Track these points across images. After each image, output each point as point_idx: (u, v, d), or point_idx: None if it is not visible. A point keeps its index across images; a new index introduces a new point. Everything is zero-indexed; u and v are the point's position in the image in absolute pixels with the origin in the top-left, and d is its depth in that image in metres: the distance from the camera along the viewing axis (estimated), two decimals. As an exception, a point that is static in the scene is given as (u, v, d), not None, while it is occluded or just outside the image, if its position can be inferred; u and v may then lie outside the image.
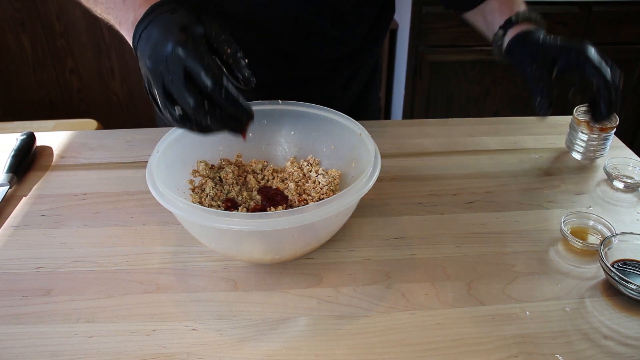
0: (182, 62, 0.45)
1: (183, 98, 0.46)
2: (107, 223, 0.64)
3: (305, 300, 0.54)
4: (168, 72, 0.46)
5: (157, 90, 0.47)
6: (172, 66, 0.45)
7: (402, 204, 0.68)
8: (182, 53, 0.45)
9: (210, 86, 0.45)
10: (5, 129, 1.37)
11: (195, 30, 0.47)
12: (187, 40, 0.46)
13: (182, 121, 0.48)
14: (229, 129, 0.48)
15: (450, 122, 0.88)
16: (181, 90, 0.45)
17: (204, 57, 0.45)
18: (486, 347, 0.48)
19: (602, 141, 0.74)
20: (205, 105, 0.45)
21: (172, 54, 0.45)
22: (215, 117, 0.46)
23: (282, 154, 0.70)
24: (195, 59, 0.45)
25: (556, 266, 0.58)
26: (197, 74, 0.45)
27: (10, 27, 1.99)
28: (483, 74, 1.88)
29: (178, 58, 0.45)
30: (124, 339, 0.49)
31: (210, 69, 0.45)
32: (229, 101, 0.46)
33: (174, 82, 0.46)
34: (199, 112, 0.46)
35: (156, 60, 0.47)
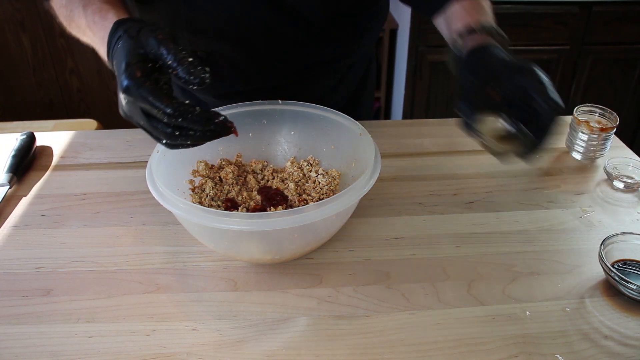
0: (137, 106, 0.47)
1: (156, 134, 0.48)
2: (107, 223, 0.64)
3: (305, 300, 0.54)
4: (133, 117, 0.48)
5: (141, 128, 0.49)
6: (132, 111, 0.48)
7: (402, 204, 0.68)
8: (131, 97, 0.46)
9: (168, 120, 0.46)
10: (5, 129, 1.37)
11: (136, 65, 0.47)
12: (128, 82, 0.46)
13: (173, 146, 0.49)
14: (212, 138, 0.49)
15: (450, 122, 0.88)
16: (151, 129, 0.47)
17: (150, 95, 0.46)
18: (486, 347, 0.48)
19: (602, 141, 0.74)
20: (176, 134, 0.47)
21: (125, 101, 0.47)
22: (192, 137, 0.48)
23: (282, 154, 0.70)
24: (142, 100, 0.46)
25: (556, 266, 0.58)
26: (152, 112, 0.46)
27: (10, 27, 1.99)
28: (483, 74, 1.88)
29: (131, 104, 0.47)
30: (124, 339, 0.49)
31: (159, 103, 0.45)
32: (193, 122, 0.47)
33: (141, 123, 0.48)
34: (176, 140, 0.48)
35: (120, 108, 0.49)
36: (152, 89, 0.46)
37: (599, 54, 1.85)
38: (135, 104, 0.47)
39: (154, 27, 0.49)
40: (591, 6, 1.75)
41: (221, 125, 0.48)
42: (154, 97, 0.46)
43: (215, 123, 0.48)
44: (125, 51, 0.48)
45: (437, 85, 1.91)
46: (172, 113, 0.45)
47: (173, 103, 0.46)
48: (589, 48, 1.83)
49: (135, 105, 0.47)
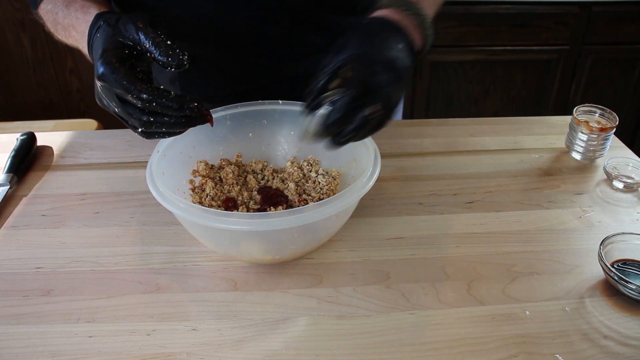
0: (111, 91, 0.47)
1: (131, 121, 0.48)
2: (107, 223, 0.64)
3: (305, 300, 0.54)
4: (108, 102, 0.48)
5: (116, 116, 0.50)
6: (107, 96, 0.48)
7: (402, 204, 0.68)
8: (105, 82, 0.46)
9: (142, 105, 0.46)
10: (5, 129, 1.37)
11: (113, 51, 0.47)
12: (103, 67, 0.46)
13: (148, 135, 0.49)
14: (188, 126, 0.49)
15: (450, 122, 0.88)
16: (125, 115, 0.48)
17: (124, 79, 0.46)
18: (486, 347, 0.48)
19: (602, 141, 0.74)
20: (151, 120, 0.47)
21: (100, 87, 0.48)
22: (168, 123, 0.48)
23: (282, 154, 0.70)
24: (116, 84, 0.46)
25: (556, 266, 0.58)
26: (127, 97, 0.46)
27: (10, 27, 1.99)
28: (483, 74, 1.89)
29: (105, 89, 0.47)
30: (124, 339, 0.49)
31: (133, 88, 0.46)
32: (168, 107, 0.47)
33: (116, 110, 0.48)
34: (151, 127, 0.48)
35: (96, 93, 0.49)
36: (127, 73, 0.46)
37: (599, 54, 1.85)
38: (110, 90, 0.47)
39: (133, 16, 0.49)
40: (591, 6, 1.75)
41: (196, 111, 0.48)
42: (127, 82, 0.46)
43: (190, 108, 0.48)
44: (102, 39, 0.49)
45: (437, 85, 1.91)
46: (145, 98, 0.46)
47: (147, 87, 0.46)
48: (589, 48, 1.83)
49: (110, 91, 0.47)
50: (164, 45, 0.47)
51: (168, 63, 0.47)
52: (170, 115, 0.48)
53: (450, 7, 1.75)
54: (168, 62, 0.47)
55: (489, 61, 1.85)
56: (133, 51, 0.48)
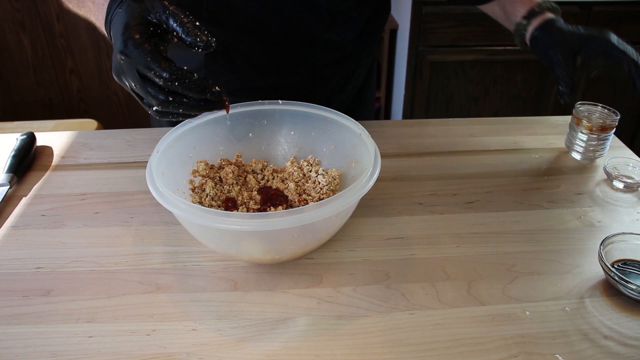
0: (133, 66, 0.46)
1: (149, 99, 0.47)
2: (107, 223, 0.64)
3: (305, 300, 0.54)
4: (127, 77, 0.47)
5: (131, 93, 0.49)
6: (127, 71, 0.47)
7: (402, 204, 0.68)
8: (128, 57, 0.46)
9: (163, 83, 0.45)
10: (5, 129, 1.37)
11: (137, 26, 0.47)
12: (128, 41, 0.46)
13: (163, 114, 0.49)
14: (205, 110, 0.49)
15: (450, 122, 0.88)
16: (144, 92, 0.47)
17: (149, 55, 0.45)
18: (486, 347, 0.48)
19: (602, 141, 0.74)
20: (170, 100, 0.47)
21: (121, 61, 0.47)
22: (185, 105, 0.48)
23: (282, 154, 0.70)
24: (141, 60, 0.45)
25: (556, 266, 0.58)
26: (149, 74, 0.46)
27: (10, 27, 1.99)
28: (483, 74, 1.89)
29: (127, 63, 0.46)
30: (124, 339, 0.49)
31: (157, 65, 0.45)
32: (189, 89, 0.46)
33: (136, 86, 0.47)
34: (168, 106, 0.47)
35: (114, 67, 0.48)
36: (151, 50, 0.46)
37: (599, 54, 1.84)
38: (131, 65, 0.46)
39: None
40: (591, 6, 1.75)
41: (217, 96, 0.48)
42: (152, 59, 0.45)
43: (212, 92, 0.47)
44: (126, 13, 0.48)
45: (437, 85, 1.91)
46: (168, 77, 0.45)
47: (171, 66, 0.45)
48: (589, 48, 1.83)
49: (131, 66, 0.46)
50: (192, 25, 0.46)
51: (195, 43, 0.46)
52: (190, 97, 0.47)
53: (450, 7, 1.75)
54: (195, 42, 0.46)
55: (489, 61, 1.86)
56: (157, 29, 0.48)
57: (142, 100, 0.49)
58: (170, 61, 0.46)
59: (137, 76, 0.46)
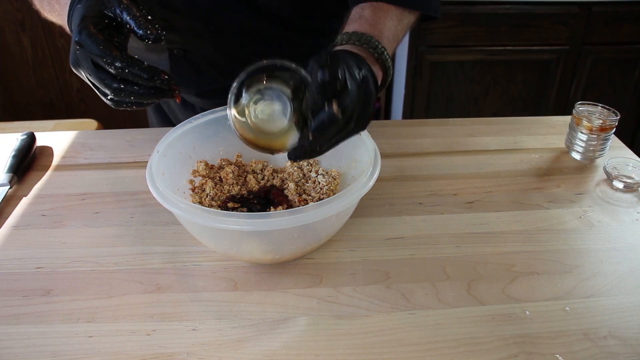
0: (87, 55, 0.48)
1: (102, 87, 0.49)
2: (107, 223, 0.64)
3: (305, 300, 0.54)
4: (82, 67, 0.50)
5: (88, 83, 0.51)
6: (82, 61, 0.49)
7: (402, 204, 0.68)
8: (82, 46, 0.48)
9: (115, 71, 0.48)
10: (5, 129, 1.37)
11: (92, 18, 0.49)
12: (82, 31, 0.48)
13: (117, 103, 0.51)
14: (157, 97, 0.51)
15: (450, 122, 0.88)
16: (97, 80, 0.49)
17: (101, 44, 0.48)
18: (486, 347, 0.48)
19: (602, 141, 0.74)
20: (122, 87, 0.49)
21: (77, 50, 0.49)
22: (137, 92, 0.50)
23: (282, 154, 0.70)
24: (93, 48, 0.48)
25: (556, 266, 0.58)
26: (101, 62, 0.48)
27: (10, 27, 1.99)
28: (483, 74, 1.89)
29: (82, 52, 0.49)
30: (124, 339, 0.49)
31: (109, 53, 0.47)
32: (139, 76, 0.48)
33: (90, 74, 0.49)
34: (121, 94, 0.49)
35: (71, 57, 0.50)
36: (104, 40, 0.48)
37: (599, 54, 1.85)
38: (85, 54, 0.48)
39: None
40: (591, 6, 1.75)
41: (165, 83, 0.50)
42: (104, 47, 0.47)
43: (161, 79, 0.49)
44: (84, 7, 0.50)
45: (437, 85, 1.91)
46: (119, 65, 0.47)
47: (121, 55, 0.48)
48: (589, 48, 1.83)
49: (85, 55, 0.48)
50: (143, 19, 0.49)
51: (145, 35, 0.49)
52: (141, 84, 0.49)
53: (450, 7, 1.75)
54: (145, 34, 0.49)
55: (489, 61, 1.85)
56: (112, 22, 0.50)
57: (97, 90, 0.51)
58: (122, 50, 0.49)
59: (92, 65, 0.49)
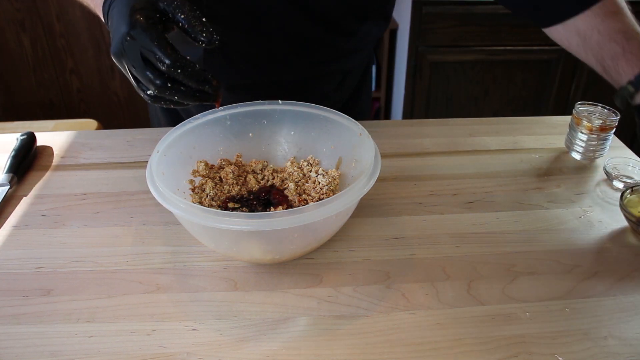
0: (137, 48, 0.47)
1: (146, 82, 0.48)
2: (107, 223, 0.64)
3: (305, 300, 0.54)
4: (129, 59, 0.48)
5: (127, 74, 0.49)
6: (130, 53, 0.47)
7: (402, 204, 0.68)
8: (134, 39, 0.46)
9: (166, 69, 0.46)
10: (5, 129, 1.37)
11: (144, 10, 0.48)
12: (136, 23, 0.47)
13: (156, 99, 0.50)
14: (199, 100, 0.50)
15: (450, 122, 0.88)
16: (142, 75, 0.47)
17: (156, 40, 0.46)
18: (486, 347, 0.48)
19: (602, 141, 0.74)
20: (167, 86, 0.47)
21: (125, 41, 0.47)
22: (182, 93, 0.48)
23: (282, 154, 0.70)
24: (147, 43, 0.46)
25: (556, 266, 0.58)
26: (152, 58, 0.46)
27: (10, 27, 1.99)
28: (483, 74, 1.89)
29: (131, 45, 0.47)
30: (124, 339, 0.49)
31: (163, 51, 0.46)
32: (190, 78, 0.47)
33: (135, 67, 0.48)
34: (165, 92, 0.48)
35: (116, 47, 0.48)
36: (158, 35, 0.47)
37: (599, 54, 1.84)
38: (136, 47, 0.47)
39: None
40: (591, 6, 1.74)
41: (215, 89, 0.49)
42: (159, 43, 0.46)
43: (211, 85, 0.49)
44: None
45: (437, 85, 1.91)
46: (171, 63, 0.46)
47: (176, 54, 0.47)
48: (589, 48, 1.83)
49: (135, 48, 0.47)
50: (197, 20, 0.48)
51: (198, 38, 0.48)
52: (188, 86, 0.48)
53: (450, 7, 1.75)
54: (198, 37, 0.48)
55: (489, 61, 1.86)
56: (162, 17, 0.49)
57: (138, 84, 0.50)
58: (175, 49, 0.47)
59: (140, 59, 0.47)
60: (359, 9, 0.75)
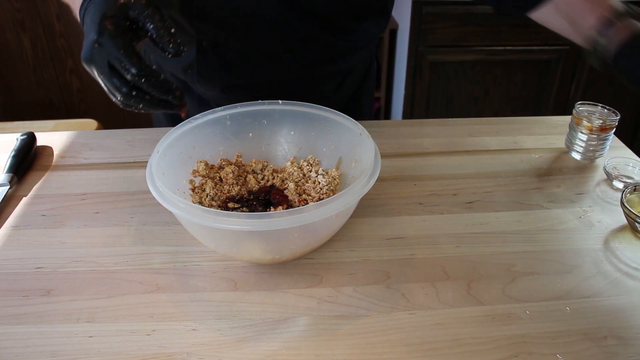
0: (104, 55, 0.48)
1: (113, 89, 0.49)
2: (107, 223, 0.64)
3: (305, 300, 0.54)
4: (97, 65, 0.49)
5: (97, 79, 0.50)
6: (98, 59, 0.48)
7: (402, 204, 0.68)
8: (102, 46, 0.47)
9: (130, 77, 0.48)
10: (5, 129, 1.37)
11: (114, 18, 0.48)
12: (105, 31, 0.48)
13: (125, 105, 0.51)
14: (164, 109, 0.51)
15: (450, 122, 0.88)
16: (109, 82, 0.49)
17: (122, 48, 0.47)
18: (486, 347, 0.48)
19: (602, 141, 0.74)
20: (132, 94, 0.49)
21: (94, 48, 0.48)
22: (146, 101, 0.50)
23: (282, 154, 0.70)
24: (114, 51, 0.47)
25: (556, 266, 0.58)
26: (118, 66, 0.48)
27: (10, 27, 1.99)
28: (483, 74, 1.89)
29: (99, 51, 0.48)
30: (124, 339, 0.49)
31: (129, 60, 0.47)
32: (154, 87, 0.49)
33: (102, 74, 0.49)
34: (130, 99, 0.49)
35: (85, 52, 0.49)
36: (126, 45, 0.48)
37: (599, 54, 1.84)
38: (103, 55, 0.48)
39: None
40: (591, 6, 1.74)
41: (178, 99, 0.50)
42: (125, 53, 0.47)
43: (174, 95, 0.50)
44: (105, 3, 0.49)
45: (437, 85, 1.91)
46: (136, 72, 0.47)
47: (141, 63, 0.48)
48: (589, 48, 1.83)
49: (102, 55, 0.48)
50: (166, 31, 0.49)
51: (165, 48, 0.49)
52: (153, 95, 0.49)
53: (450, 7, 1.75)
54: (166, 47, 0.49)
55: (489, 61, 1.86)
56: (133, 25, 0.49)
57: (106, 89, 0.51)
58: (141, 58, 0.48)
59: (107, 67, 0.48)
60: (357, 6, 0.75)
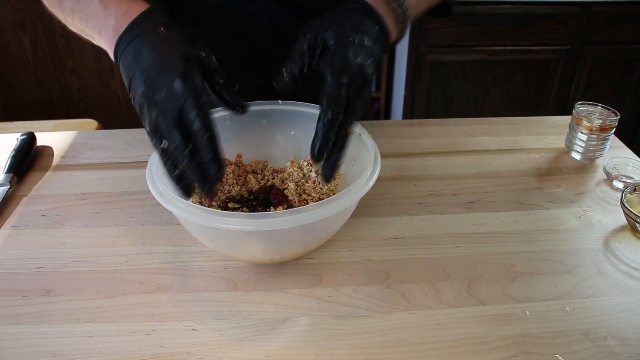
0: (180, 99, 0.43)
1: (169, 135, 0.44)
2: (107, 223, 0.64)
3: (305, 300, 0.54)
4: (164, 104, 0.44)
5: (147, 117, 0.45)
6: (169, 100, 0.44)
7: (402, 204, 0.68)
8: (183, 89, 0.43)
9: (196, 128, 0.44)
10: (5, 129, 1.37)
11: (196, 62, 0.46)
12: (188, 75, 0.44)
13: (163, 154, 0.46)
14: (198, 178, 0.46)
15: (450, 122, 0.88)
16: (170, 127, 0.44)
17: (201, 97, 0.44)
18: (486, 347, 0.48)
19: (602, 141, 0.74)
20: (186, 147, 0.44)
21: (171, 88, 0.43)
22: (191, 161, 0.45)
23: (282, 154, 0.70)
24: (194, 98, 0.43)
25: (556, 266, 0.58)
26: (190, 112, 0.44)
27: (10, 27, 1.99)
28: (483, 74, 1.89)
29: (177, 94, 0.43)
30: (124, 339, 0.49)
31: (203, 109, 0.44)
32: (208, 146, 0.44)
33: (166, 115, 0.44)
34: (180, 151, 0.45)
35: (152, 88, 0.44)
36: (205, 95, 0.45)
37: (599, 54, 1.85)
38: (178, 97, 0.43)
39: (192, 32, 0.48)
40: (591, 6, 1.75)
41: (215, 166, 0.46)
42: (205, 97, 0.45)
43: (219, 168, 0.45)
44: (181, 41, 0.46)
45: (437, 85, 1.91)
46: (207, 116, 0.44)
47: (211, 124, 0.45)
48: (589, 48, 1.83)
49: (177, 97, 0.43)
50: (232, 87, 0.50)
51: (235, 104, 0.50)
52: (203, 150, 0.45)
53: (450, 7, 1.75)
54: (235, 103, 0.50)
55: (489, 61, 1.86)
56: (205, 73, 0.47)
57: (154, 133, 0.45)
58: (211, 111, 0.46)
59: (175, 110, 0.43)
60: None
